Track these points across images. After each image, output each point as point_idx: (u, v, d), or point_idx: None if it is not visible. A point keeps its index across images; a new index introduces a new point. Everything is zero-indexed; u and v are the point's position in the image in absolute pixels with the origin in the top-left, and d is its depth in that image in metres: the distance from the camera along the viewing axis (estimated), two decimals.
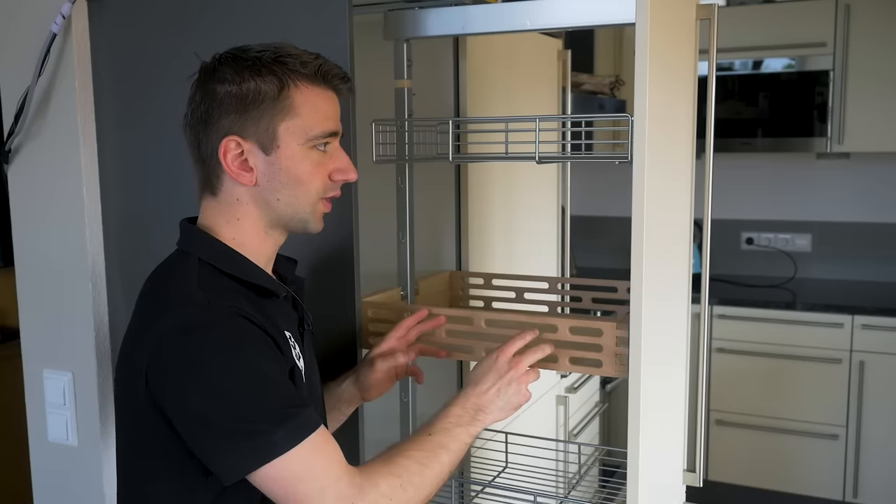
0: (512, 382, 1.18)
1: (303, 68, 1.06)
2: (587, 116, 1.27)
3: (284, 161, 1.07)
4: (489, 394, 1.17)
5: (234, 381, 0.98)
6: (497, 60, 2.02)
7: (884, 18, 3.28)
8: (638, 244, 1.18)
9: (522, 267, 2.15)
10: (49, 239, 1.58)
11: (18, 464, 1.93)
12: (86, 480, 1.60)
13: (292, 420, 0.98)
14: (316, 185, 1.09)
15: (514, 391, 1.19)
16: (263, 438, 0.97)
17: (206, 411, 0.98)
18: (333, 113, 1.10)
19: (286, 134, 1.06)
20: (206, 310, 1.01)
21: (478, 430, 1.15)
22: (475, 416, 1.15)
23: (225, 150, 1.07)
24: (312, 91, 1.07)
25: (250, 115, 1.06)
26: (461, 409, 1.15)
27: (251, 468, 0.97)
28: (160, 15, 1.45)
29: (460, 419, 1.13)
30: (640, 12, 1.15)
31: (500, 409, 1.18)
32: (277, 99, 1.06)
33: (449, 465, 1.09)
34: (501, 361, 1.20)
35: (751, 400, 3.44)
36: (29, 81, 1.50)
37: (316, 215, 1.12)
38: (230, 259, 1.09)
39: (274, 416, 0.98)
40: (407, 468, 1.04)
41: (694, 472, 1.54)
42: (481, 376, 1.19)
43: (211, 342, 0.99)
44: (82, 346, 1.56)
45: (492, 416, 1.17)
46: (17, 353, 1.65)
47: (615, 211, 4.06)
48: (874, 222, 3.68)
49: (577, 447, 1.85)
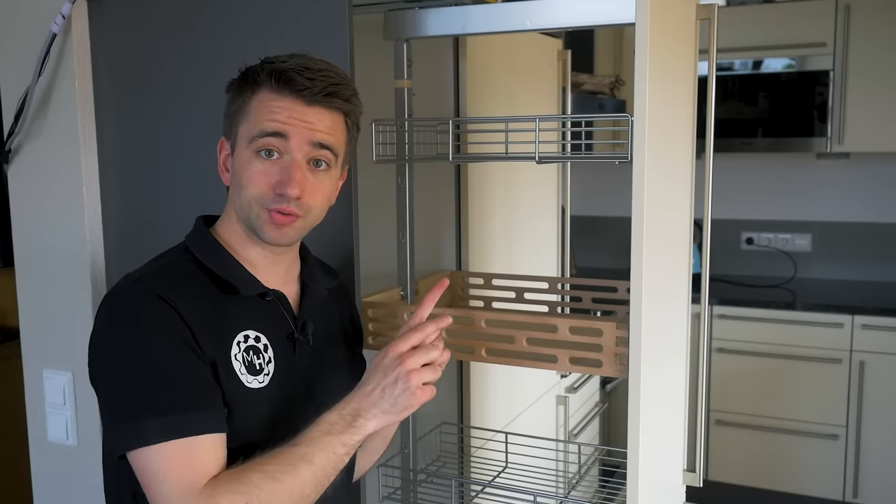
0: (399, 381, 1.04)
1: (265, 75, 1.07)
2: (587, 116, 1.27)
3: (237, 163, 1.10)
4: (372, 395, 1.05)
5: (125, 358, 1.00)
6: (497, 60, 2.02)
7: (884, 18, 3.28)
8: (638, 244, 1.18)
9: (522, 267, 2.15)
10: (49, 239, 1.58)
11: (18, 464, 1.93)
12: (86, 480, 1.60)
13: (167, 416, 0.97)
14: (253, 191, 1.07)
15: (402, 390, 1.04)
16: (132, 425, 0.97)
17: (100, 382, 1.03)
18: (283, 118, 1.06)
19: (240, 136, 1.10)
20: (132, 282, 1.05)
21: (357, 437, 1.03)
22: (352, 423, 1.03)
23: (219, 150, 1.14)
24: (266, 95, 1.07)
25: (229, 118, 1.12)
26: (337, 415, 1.04)
27: (119, 450, 0.99)
28: (160, 15, 1.45)
29: (332, 427, 1.03)
30: (640, 12, 1.15)
31: (385, 413, 1.04)
32: (242, 102, 1.10)
33: (312, 478, 0.99)
34: (389, 359, 1.06)
35: (751, 400, 3.44)
36: (29, 81, 1.50)
37: (262, 222, 1.08)
38: (207, 249, 1.12)
39: (150, 406, 0.97)
40: (255, 484, 0.96)
41: (694, 472, 1.54)
42: (367, 375, 1.08)
43: (117, 315, 1.03)
44: (82, 346, 1.55)
45: (375, 420, 1.04)
46: (17, 353, 1.65)
47: (615, 211, 4.06)
48: (874, 222, 3.69)
49: (577, 447, 1.85)
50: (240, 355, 1.07)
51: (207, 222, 1.16)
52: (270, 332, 1.12)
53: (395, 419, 1.06)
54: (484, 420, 1.92)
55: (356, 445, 1.04)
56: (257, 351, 1.09)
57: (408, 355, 1.06)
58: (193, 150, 1.45)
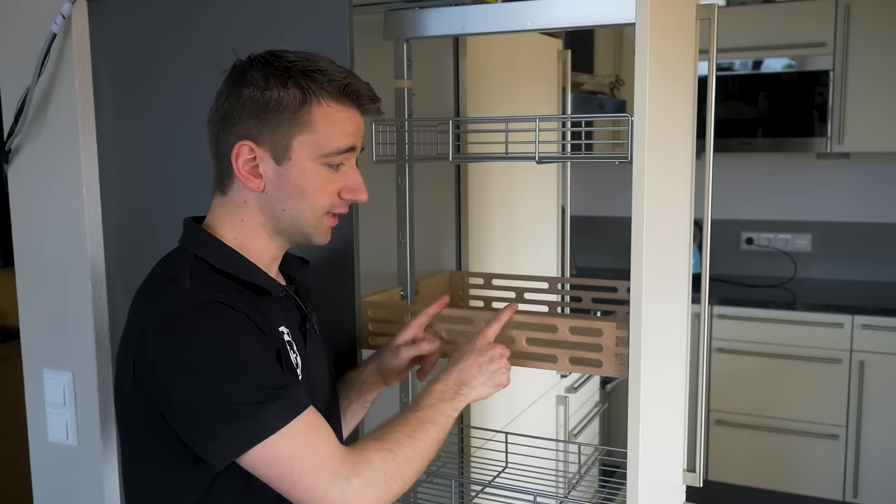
0: (493, 360, 1.22)
1: (329, 85, 1.06)
2: (587, 116, 1.27)
3: (294, 173, 1.08)
4: (471, 371, 1.20)
5: (218, 363, 0.98)
6: (497, 60, 2.02)
7: (884, 18, 3.28)
8: (638, 244, 1.18)
9: (522, 267, 2.15)
10: (49, 239, 1.58)
11: (18, 464, 1.93)
12: (86, 480, 1.60)
13: (281, 400, 0.98)
14: (322, 201, 1.10)
15: (496, 368, 1.22)
16: (253, 419, 0.96)
17: (192, 395, 0.98)
18: (354, 130, 1.10)
19: (300, 147, 1.07)
20: (188, 296, 1.02)
21: (461, 404, 1.17)
22: (458, 391, 1.18)
23: (237, 153, 1.08)
24: (334, 108, 1.07)
25: (268, 123, 1.06)
26: (444, 385, 1.18)
27: (242, 449, 0.97)
28: (160, 14, 1.45)
29: (444, 395, 1.16)
30: (640, 12, 1.15)
31: (483, 385, 1.21)
32: (298, 112, 1.06)
33: (437, 438, 1.11)
34: (481, 342, 1.24)
35: (751, 400, 3.44)
36: (29, 81, 1.50)
37: (320, 229, 1.12)
38: (226, 257, 1.10)
39: (261, 397, 0.98)
40: (398, 442, 1.06)
41: (694, 471, 1.54)
42: (462, 355, 1.23)
43: (193, 326, 0.99)
44: (82, 346, 1.56)
45: (474, 391, 1.20)
46: (17, 353, 1.65)
47: (615, 211, 4.06)
48: (874, 222, 3.68)
49: (577, 447, 1.85)
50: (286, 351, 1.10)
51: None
52: (291, 326, 1.15)
53: (490, 392, 1.22)
54: (484, 420, 1.92)
55: (459, 411, 1.18)
56: (292, 346, 1.12)
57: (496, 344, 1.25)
58: (193, 150, 1.45)
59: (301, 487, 0.98)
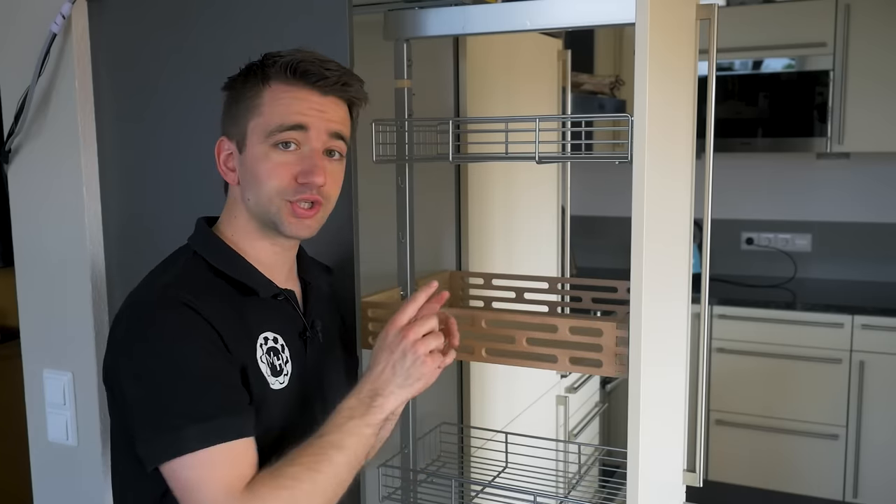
0: (406, 354, 1.06)
1: (278, 68, 1.06)
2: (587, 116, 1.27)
3: (249, 160, 1.09)
4: (384, 374, 1.06)
5: (160, 368, 0.98)
6: (497, 60, 2.02)
7: (884, 18, 3.28)
8: (638, 244, 1.18)
9: (522, 267, 2.15)
10: (49, 239, 1.58)
11: (18, 464, 1.93)
12: (86, 480, 1.60)
13: (209, 422, 0.96)
14: (273, 184, 1.06)
15: (412, 362, 1.06)
16: (174, 434, 0.96)
17: (131, 394, 0.99)
18: (303, 109, 1.06)
19: (252, 132, 1.08)
20: (156, 294, 1.03)
21: (379, 417, 1.05)
22: (371, 404, 1.05)
23: (218, 151, 1.12)
24: (281, 88, 1.07)
25: (232, 115, 1.10)
26: (356, 399, 1.05)
27: (159, 461, 0.97)
28: (160, 14, 1.45)
29: (354, 411, 1.04)
30: (640, 12, 1.15)
31: (402, 387, 1.06)
32: (252, 98, 1.08)
33: (346, 463, 1.01)
34: (391, 335, 1.08)
35: (751, 400, 3.44)
36: (29, 81, 1.50)
37: (282, 217, 1.08)
38: (219, 253, 1.11)
39: (189, 414, 0.96)
40: (295, 477, 0.98)
41: (694, 472, 1.54)
42: (374, 357, 1.09)
43: (148, 325, 1.00)
44: (82, 346, 1.56)
45: (393, 397, 1.06)
46: (17, 353, 1.65)
47: (615, 211, 4.06)
48: (874, 222, 3.68)
49: (577, 447, 1.85)
50: (264, 357, 1.08)
51: (208, 224, 1.16)
52: (285, 331, 1.13)
53: (413, 392, 1.07)
54: (484, 420, 1.92)
55: (380, 425, 1.05)
56: (277, 352, 1.11)
57: (408, 328, 1.08)
58: (193, 150, 1.45)
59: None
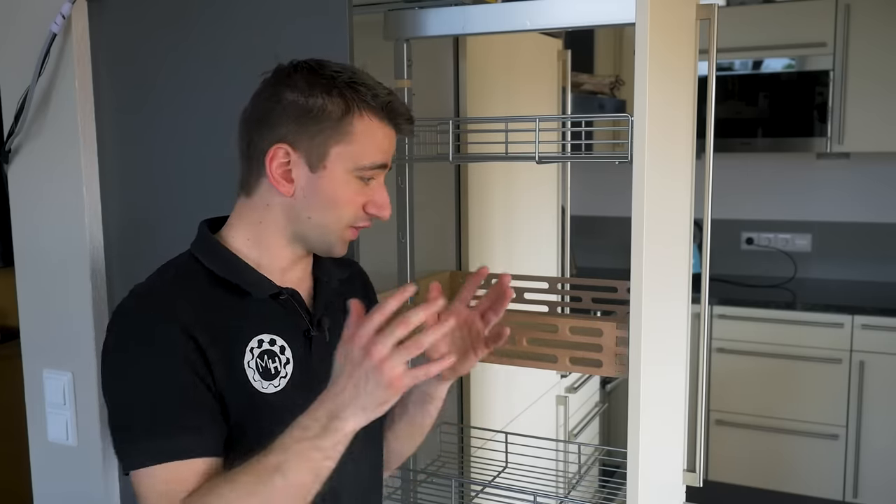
0: (370, 375, 0.93)
1: (373, 101, 1.07)
2: (587, 116, 1.28)
3: (327, 182, 1.08)
4: (344, 394, 0.95)
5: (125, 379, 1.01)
6: (497, 60, 2.02)
7: (884, 18, 3.28)
8: (638, 244, 1.18)
9: (522, 267, 2.15)
10: (49, 239, 1.58)
11: (18, 464, 1.93)
12: (86, 480, 1.60)
13: (158, 440, 0.99)
14: (349, 212, 1.10)
15: (375, 385, 0.93)
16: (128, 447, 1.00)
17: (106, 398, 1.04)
18: (388, 148, 1.11)
19: (337, 157, 1.07)
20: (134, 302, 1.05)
21: (334, 439, 0.94)
22: (328, 425, 0.94)
23: (273, 156, 1.07)
24: (375, 124, 1.08)
25: (308, 129, 1.06)
26: (311, 419, 0.95)
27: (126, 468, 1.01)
28: (160, 14, 1.45)
29: (305, 432, 0.95)
30: (640, 12, 1.15)
31: (364, 409, 0.94)
32: (339, 122, 1.06)
33: (285, 488, 0.93)
34: (355, 352, 0.94)
35: (751, 400, 3.44)
36: (29, 81, 1.50)
37: (342, 240, 1.12)
38: (214, 254, 1.11)
39: (144, 429, 1.00)
40: (224, 497, 0.94)
41: (694, 472, 1.54)
42: (336, 374, 0.97)
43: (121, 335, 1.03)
44: (82, 346, 1.56)
45: (353, 420, 0.94)
46: (17, 353, 1.65)
47: (615, 211, 4.07)
48: (874, 222, 3.68)
49: (577, 447, 1.85)
50: (253, 362, 1.07)
51: (213, 225, 1.15)
52: (286, 331, 1.12)
53: (376, 414, 0.95)
54: (484, 420, 1.92)
55: (335, 448, 0.95)
56: (272, 355, 1.10)
57: (372, 343, 0.93)
58: (194, 150, 1.45)
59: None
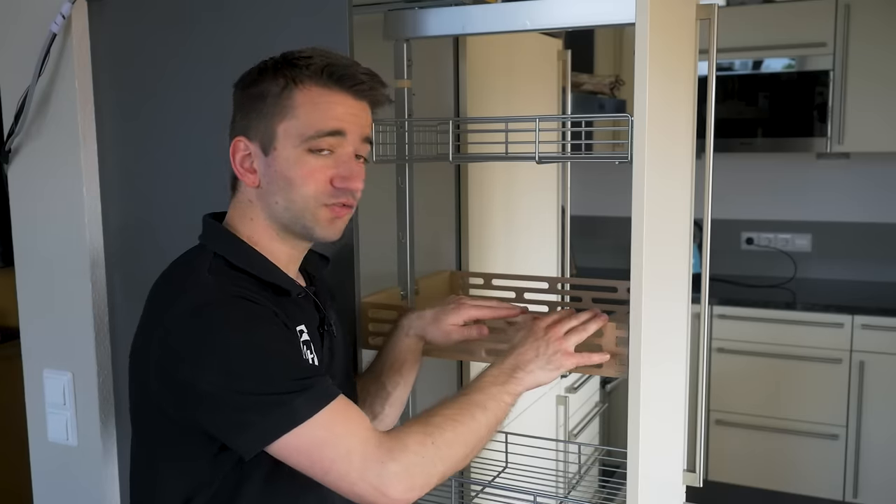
0: (551, 344, 1.16)
1: (308, 69, 1.05)
2: (587, 116, 1.27)
3: (280, 162, 1.07)
4: (528, 355, 1.15)
5: (246, 355, 0.98)
6: (497, 60, 2.02)
7: (884, 18, 3.28)
8: (638, 244, 1.18)
9: (522, 267, 2.15)
10: (49, 239, 1.58)
11: (18, 463, 1.93)
12: (86, 480, 1.60)
13: (310, 390, 0.98)
14: (310, 188, 1.07)
15: (554, 351, 1.16)
16: (282, 409, 0.97)
17: (220, 387, 0.98)
18: (340, 114, 1.07)
19: (283, 134, 1.06)
20: (212, 291, 1.02)
21: (518, 389, 1.13)
22: (512, 375, 1.13)
23: (234, 150, 1.09)
24: (315, 91, 1.06)
25: (255, 116, 1.07)
26: (497, 370, 1.13)
27: (271, 438, 0.97)
28: (160, 14, 1.45)
29: (496, 379, 1.12)
30: (640, 12, 1.15)
31: (541, 369, 1.15)
32: (279, 98, 1.06)
33: (486, 423, 1.08)
34: (538, 326, 1.19)
35: (751, 400, 3.44)
36: (29, 81, 1.50)
37: (318, 222, 1.09)
38: (245, 255, 1.10)
39: (290, 387, 0.98)
40: (438, 425, 1.03)
41: (694, 472, 1.54)
42: (519, 341, 1.18)
43: (219, 321, 1.00)
44: (82, 346, 1.56)
45: (532, 375, 1.14)
46: (17, 353, 1.65)
47: (615, 211, 4.06)
48: (874, 222, 3.68)
49: (577, 447, 1.85)
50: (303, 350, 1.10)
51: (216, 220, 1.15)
52: (311, 327, 1.15)
53: (548, 378, 1.16)
54: None
55: (517, 397, 1.13)
56: (310, 345, 1.12)
57: (553, 324, 1.19)
58: (194, 149, 1.45)
59: (333, 474, 0.98)
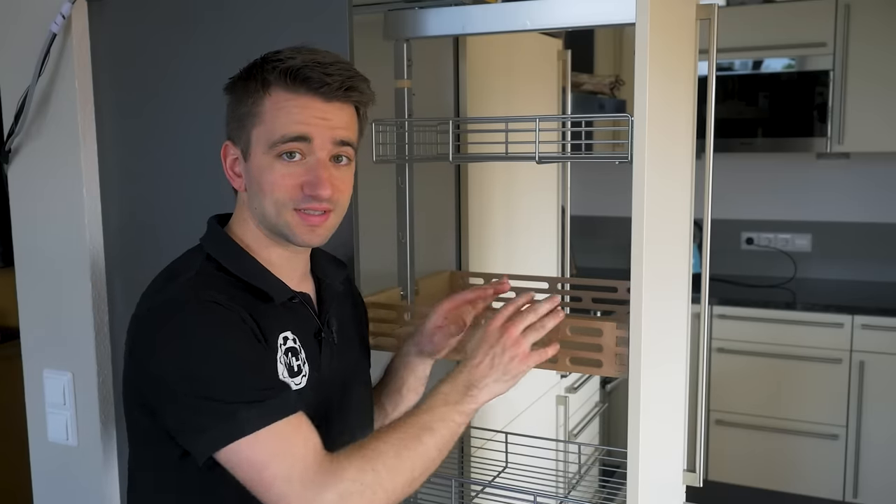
0: (506, 350, 1.08)
1: (273, 73, 1.03)
2: (587, 116, 1.27)
3: (254, 169, 1.06)
4: (481, 367, 1.08)
5: (207, 360, 0.98)
6: (497, 60, 2.02)
7: (884, 18, 3.28)
8: (638, 244, 1.18)
9: (522, 267, 2.15)
10: (49, 239, 1.58)
11: (18, 464, 1.93)
12: (86, 480, 1.60)
13: (263, 403, 0.97)
14: (280, 194, 1.05)
15: (510, 357, 1.08)
16: (233, 418, 0.96)
17: (179, 388, 0.98)
18: (305, 119, 1.04)
19: (256, 140, 1.06)
20: (187, 292, 1.02)
21: (472, 407, 1.07)
22: (466, 393, 1.07)
23: (224, 155, 1.10)
24: (282, 96, 1.04)
25: (236, 121, 1.08)
26: (450, 386, 1.07)
27: (219, 446, 0.96)
28: (160, 15, 1.45)
29: (448, 397, 1.06)
30: (640, 12, 1.15)
31: (497, 382, 1.08)
32: (253, 104, 1.06)
33: (435, 445, 1.02)
34: (491, 330, 1.10)
35: (751, 400, 3.44)
36: (29, 81, 1.50)
37: (290, 227, 1.07)
38: (236, 258, 1.09)
39: (245, 397, 0.97)
40: (381, 452, 0.99)
41: (694, 472, 1.54)
42: (472, 350, 1.11)
43: (186, 322, 0.99)
44: (82, 346, 1.56)
45: (487, 390, 1.08)
46: (17, 353, 1.65)
47: (615, 211, 4.06)
48: (874, 222, 3.68)
49: (577, 447, 1.85)
50: (282, 357, 1.08)
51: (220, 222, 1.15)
52: (301, 333, 1.12)
53: (508, 387, 1.10)
54: (484, 420, 1.91)
55: (471, 414, 1.07)
56: (295, 352, 1.10)
57: (508, 325, 1.10)
58: (194, 149, 1.45)
59: (273, 494, 0.96)
